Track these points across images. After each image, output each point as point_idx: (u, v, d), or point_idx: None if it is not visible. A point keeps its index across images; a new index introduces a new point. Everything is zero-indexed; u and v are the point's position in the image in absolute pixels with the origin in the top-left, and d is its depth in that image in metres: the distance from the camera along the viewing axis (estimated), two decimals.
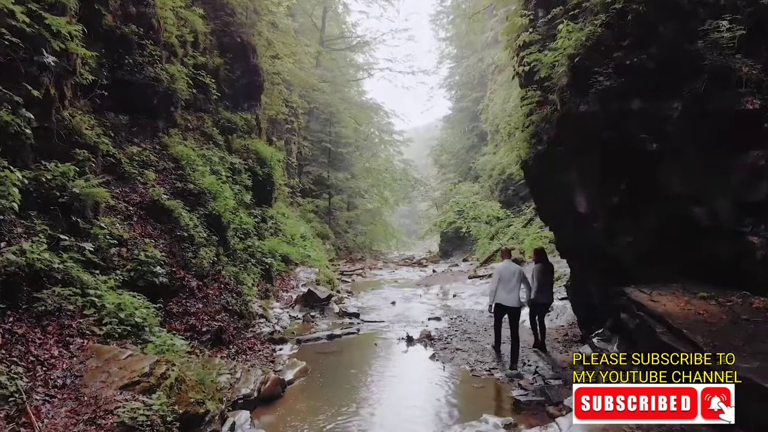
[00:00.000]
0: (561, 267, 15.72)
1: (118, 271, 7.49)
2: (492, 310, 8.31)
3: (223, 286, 9.72)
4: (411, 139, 45.68)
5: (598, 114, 6.04)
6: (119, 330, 6.10)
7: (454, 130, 42.36)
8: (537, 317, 8.87)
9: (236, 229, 12.40)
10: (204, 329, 8.29)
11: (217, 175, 12.78)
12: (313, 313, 12.23)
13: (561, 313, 11.22)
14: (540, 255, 8.68)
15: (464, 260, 28.71)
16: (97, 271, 7.12)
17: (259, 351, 8.78)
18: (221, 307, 9.09)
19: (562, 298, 11.85)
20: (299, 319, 11.74)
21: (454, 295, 15.40)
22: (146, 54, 11.46)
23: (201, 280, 9.21)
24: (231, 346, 8.55)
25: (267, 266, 13.39)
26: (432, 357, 8.77)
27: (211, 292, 9.23)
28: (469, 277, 18.93)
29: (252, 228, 13.45)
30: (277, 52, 20.11)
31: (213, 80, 15.18)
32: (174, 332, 7.79)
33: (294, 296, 13.29)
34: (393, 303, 14.27)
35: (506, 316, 8.24)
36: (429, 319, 11.96)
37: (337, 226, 32.17)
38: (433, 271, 23.70)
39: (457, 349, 9.13)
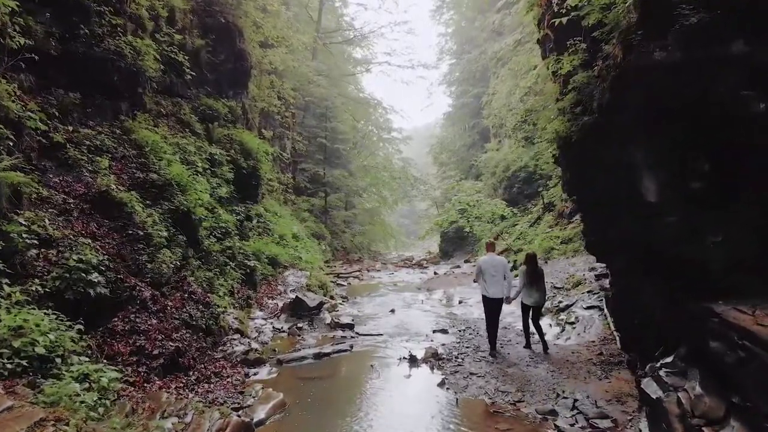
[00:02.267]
0: (578, 271, 13.97)
1: (37, 281, 5.68)
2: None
3: (187, 296, 7.90)
4: (410, 137, 43.91)
5: (680, 64, 4.25)
6: (10, 365, 4.29)
7: (455, 127, 40.57)
8: (531, 318, 8.59)
9: (212, 228, 10.59)
10: (156, 352, 6.47)
11: (191, 166, 10.98)
12: (300, 325, 10.41)
13: (588, 325, 9.41)
14: (530, 259, 8.59)
15: (466, 261, 26.91)
16: (6, 281, 5.33)
17: (228, 377, 6.96)
18: (182, 323, 7.28)
19: (588, 307, 10.07)
20: (284, 332, 9.92)
21: (460, 302, 13.60)
22: (105, 23, 9.69)
23: (158, 288, 7.40)
24: (191, 373, 6.74)
25: (250, 270, 11.58)
26: (441, 384, 6.96)
27: (170, 303, 7.41)
28: (474, 281, 17.06)
29: (232, 226, 11.64)
30: (266, 36, 18.27)
31: (191, 62, 13.43)
32: (113, 358, 6.01)
33: (280, 304, 11.46)
34: (392, 311, 12.45)
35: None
36: (434, 331, 10.15)
37: (334, 225, 30.34)
38: (435, 273, 21.90)
39: (472, 374, 7.32)
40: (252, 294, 11.32)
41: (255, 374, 7.36)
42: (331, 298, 14.02)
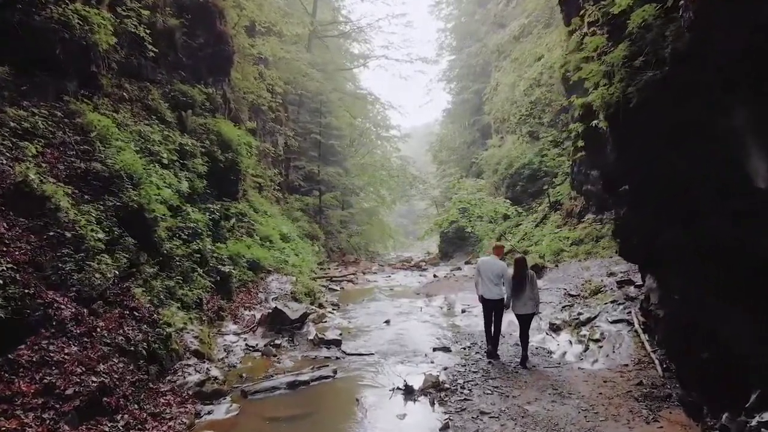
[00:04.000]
0: (594, 276, 12.38)
1: None
2: (480, 300, 7.98)
3: (128, 313, 6.29)
4: (409, 134, 42.36)
5: None
6: None
7: (455, 124, 38.93)
8: (519, 329, 7.76)
9: (177, 228, 9.00)
10: (70, 391, 4.87)
11: (154, 156, 9.41)
12: (278, 341, 8.81)
13: (617, 343, 7.81)
14: (517, 264, 7.74)
15: (467, 262, 25.31)
16: None
17: (170, 419, 5.37)
18: (115, 349, 5.67)
19: (614, 321, 8.48)
20: (258, 350, 8.32)
21: (463, 311, 11.99)
22: None
23: (87, 305, 5.79)
24: (119, 416, 5.12)
25: (223, 276, 10.01)
26: (444, 429, 5.35)
27: (102, 324, 5.80)
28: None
29: (203, 227, 10.03)
30: (252, 19, 16.68)
31: (165, 44, 11.95)
32: (11, 401, 4.44)
33: (258, 315, 9.87)
34: (387, 322, 10.85)
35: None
36: (434, 349, 8.54)
37: (329, 225, 28.73)
38: (434, 276, 20.28)
39: (483, 413, 5.71)
40: (225, 304, 9.74)
41: (209, 413, 5.76)
42: (320, 306, 12.42)
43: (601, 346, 7.76)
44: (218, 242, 10.91)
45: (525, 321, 7.59)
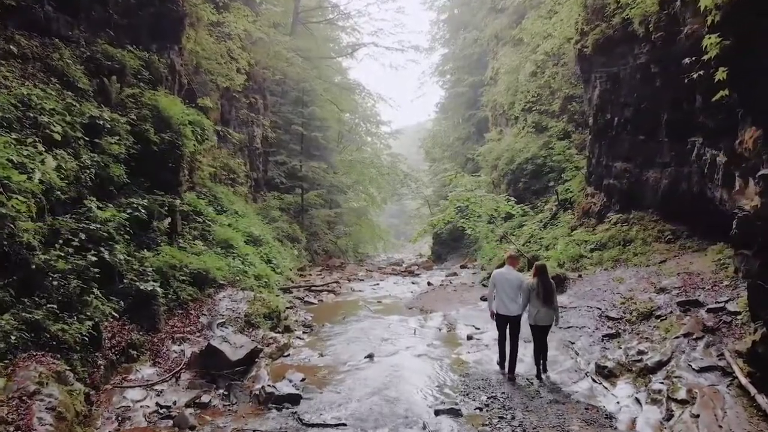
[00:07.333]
0: (635, 291, 9.58)
1: None
2: (492, 317, 7.14)
3: None
4: (400, 131, 39.62)
5: None
6: None
7: (448, 120, 36.13)
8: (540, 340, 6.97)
9: (67, 231, 6.08)
10: None
11: (38, 129, 6.46)
12: (207, 397, 5.89)
13: (717, 407, 4.97)
14: (541, 271, 6.99)
15: (462, 266, 22.58)
16: None
17: None
18: None
19: (702, 369, 5.67)
20: (172, 416, 5.40)
21: (470, 337, 9.12)
22: None
23: None
24: None
25: (145, 297, 7.10)
26: None
27: None
28: (483, 298, 12.53)
29: (115, 229, 7.10)
30: None
31: None
32: None
33: (189, 351, 6.96)
34: (369, 357, 7.91)
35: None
36: (437, 412, 5.65)
37: (314, 226, 25.79)
38: (428, 284, 17.44)
39: None
40: (141, 337, 6.80)
41: None
42: (286, 329, 9.53)
43: (695, 416, 4.90)
44: (144, 249, 7.99)
45: (543, 332, 6.97)
